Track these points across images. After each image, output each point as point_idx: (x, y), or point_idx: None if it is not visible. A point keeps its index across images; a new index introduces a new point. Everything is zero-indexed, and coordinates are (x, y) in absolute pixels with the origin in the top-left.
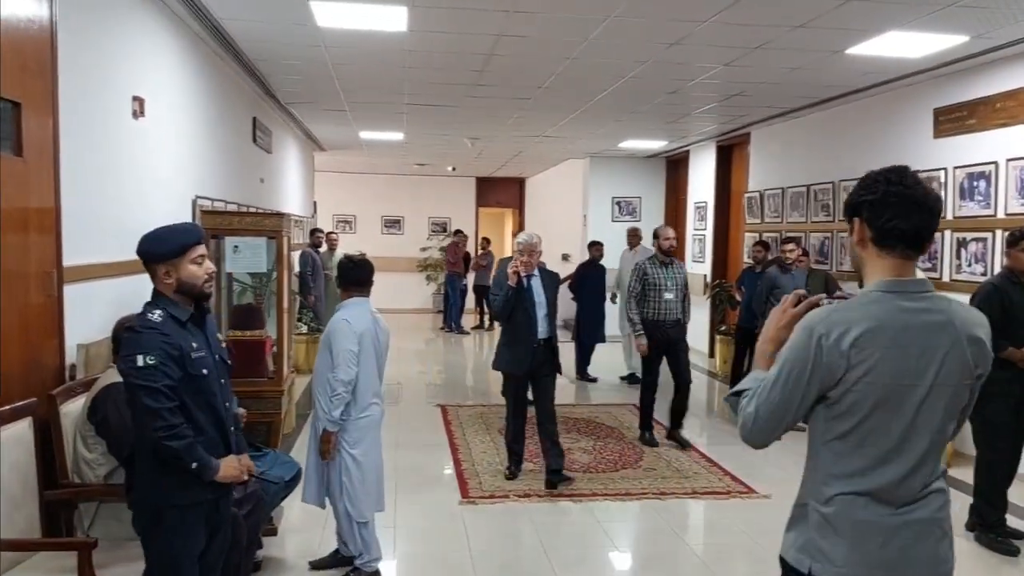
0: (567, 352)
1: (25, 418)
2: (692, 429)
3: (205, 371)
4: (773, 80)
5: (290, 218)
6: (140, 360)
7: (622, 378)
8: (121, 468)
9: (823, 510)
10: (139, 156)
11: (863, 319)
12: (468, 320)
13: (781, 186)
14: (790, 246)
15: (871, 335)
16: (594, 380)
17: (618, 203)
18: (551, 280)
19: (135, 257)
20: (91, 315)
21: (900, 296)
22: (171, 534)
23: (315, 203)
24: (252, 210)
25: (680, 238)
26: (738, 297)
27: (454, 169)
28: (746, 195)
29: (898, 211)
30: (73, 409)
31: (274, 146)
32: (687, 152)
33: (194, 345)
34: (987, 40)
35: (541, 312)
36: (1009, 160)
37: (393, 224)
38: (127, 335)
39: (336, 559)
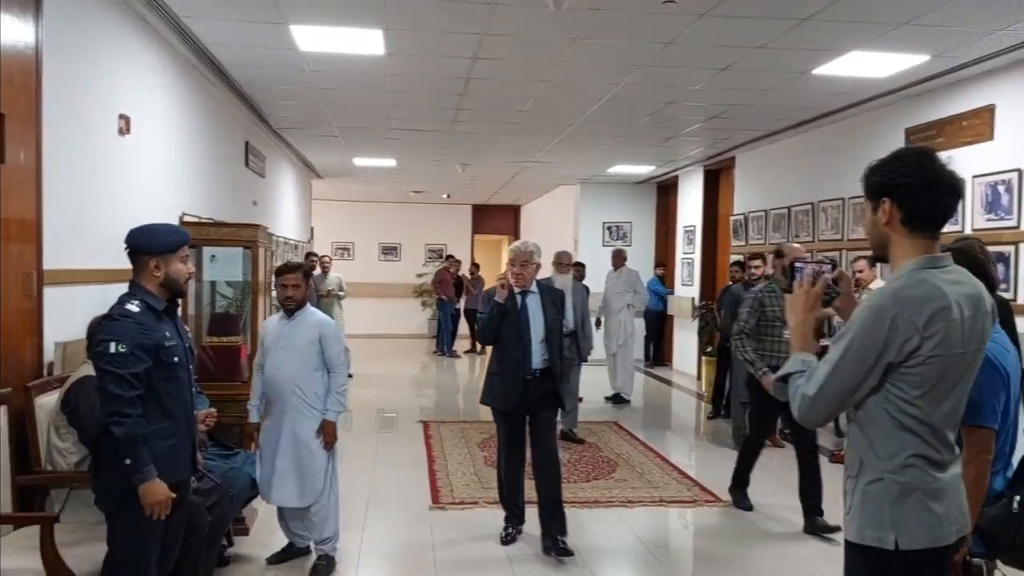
0: None
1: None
2: (678, 449)
3: (176, 359)
4: (747, 102)
5: (265, 230)
6: (112, 347)
7: (607, 398)
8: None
9: (899, 479)
10: (124, 171)
11: (931, 296)
12: (464, 344)
13: (764, 208)
14: (756, 262)
15: (942, 310)
16: (579, 400)
17: (609, 228)
18: (553, 299)
19: (114, 265)
20: (70, 316)
21: (940, 271)
22: (135, 516)
23: (312, 229)
24: (228, 222)
25: (670, 262)
26: (718, 317)
27: (449, 196)
28: (732, 218)
29: (932, 194)
30: (48, 402)
31: (268, 171)
32: (676, 177)
33: (167, 334)
34: (949, 59)
35: (537, 337)
36: (975, 176)
37: (390, 251)
38: (105, 322)
39: (290, 552)
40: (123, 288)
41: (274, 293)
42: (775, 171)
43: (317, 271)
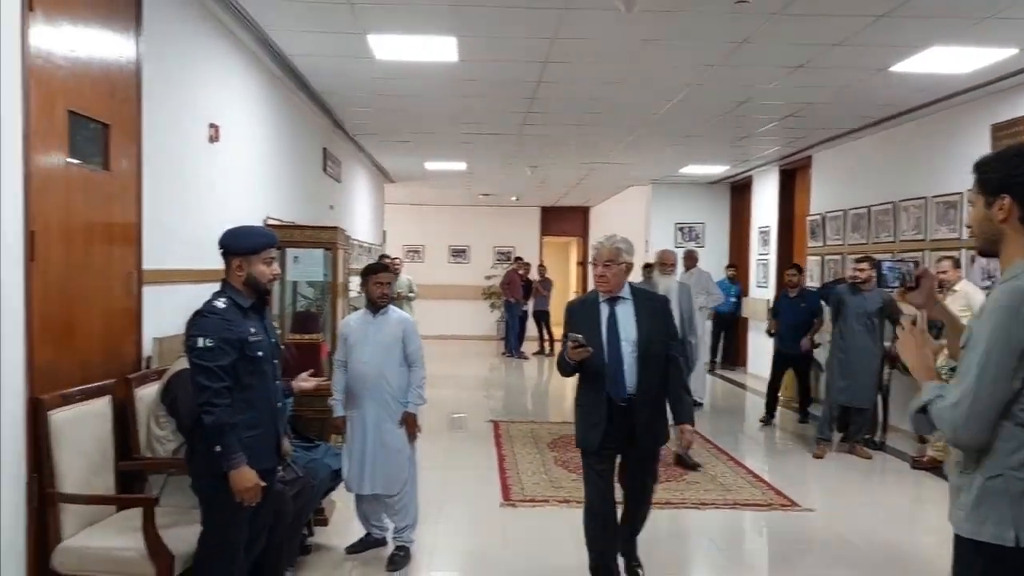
0: None
1: (104, 396)
2: (752, 452)
3: (260, 353)
4: (824, 100)
5: (343, 232)
6: (200, 342)
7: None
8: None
9: (1020, 476)
10: (213, 176)
11: None
12: (532, 346)
13: (843, 208)
14: (864, 264)
15: None
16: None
17: (681, 228)
18: (653, 307)
19: (207, 266)
20: (165, 313)
21: None
22: (226, 501)
23: (384, 232)
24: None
25: (744, 263)
26: (771, 326)
27: (517, 199)
28: (809, 218)
29: None
30: (147, 394)
31: (344, 176)
32: (750, 177)
33: (252, 330)
34: None
35: (629, 355)
36: None
37: (459, 253)
38: (195, 319)
39: (367, 543)
40: (213, 287)
41: (352, 293)
42: (854, 170)
43: None
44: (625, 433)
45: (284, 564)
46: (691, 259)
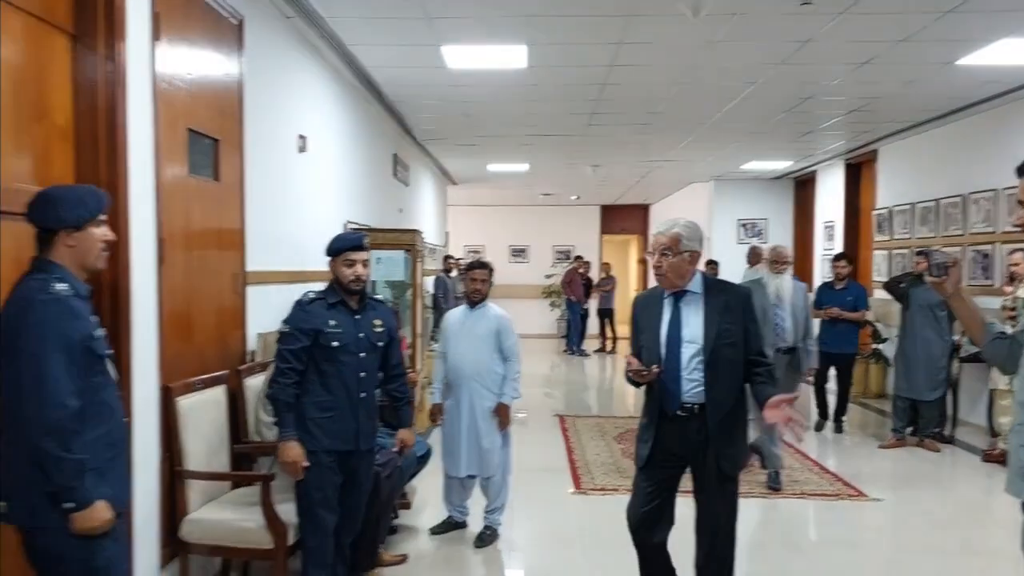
0: None
1: (220, 386)
2: (818, 445)
3: (336, 343)
4: (889, 94)
5: (422, 235)
6: (284, 327)
7: None
8: None
9: None
10: (302, 184)
11: None
12: (593, 344)
13: (910, 202)
14: (923, 258)
15: None
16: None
17: (743, 224)
18: (728, 302)
19: (298, 267)
20: (265, 311)
21: None
22: (307, 472)
23: (447, 233)
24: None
25: (808, 258)
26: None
27: (578, 198)
28: (875, 212)
29: None
30: (254, 383)
31: (411, 180)
32: (815, 172)
33: (331, 323)
34: None
35: (690, 357)
36: None
37: (519, 252)
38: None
39: (449, 525)
40: (305, 286)
41: (428, 291)
42: (921, 163)
43: (454, 273)
44: (685, 450)
45: (379, 539)
46: (755, 255)
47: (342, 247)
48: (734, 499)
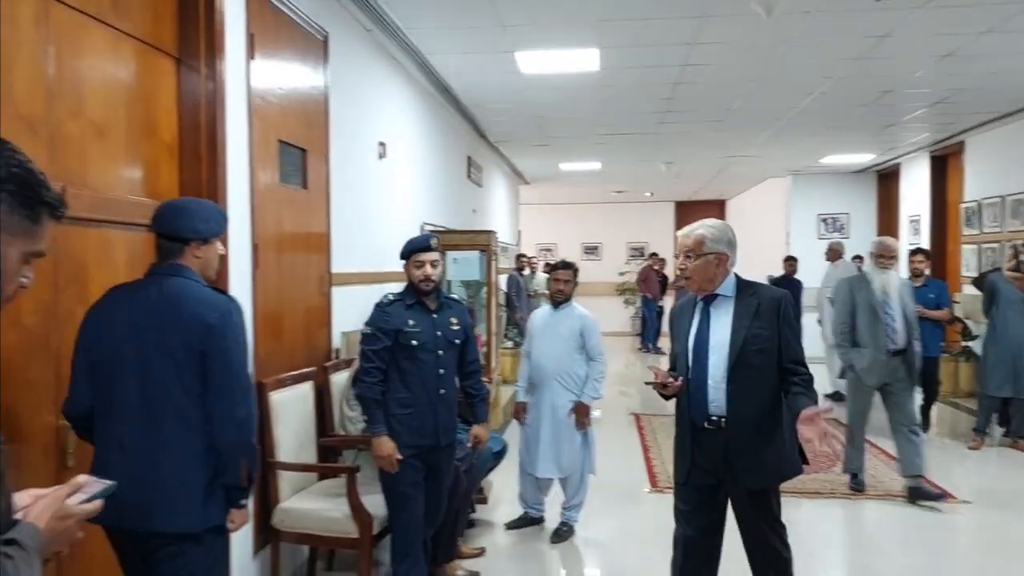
0: None
1: (308, 382)
2: None
3: (414, 343)
4: (974, 86)
5: (496, 236)
6: (366, 328)
7: (826, 395)
8: None
9: None
10: (382, 189)
11: None
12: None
13: (1000, 194)
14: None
15: None
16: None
17: (824, 220)
18: (761, 306)
19: (379, 269)
20: (348, 311)
21: None
22: (398, 470)
23: (520, 232)
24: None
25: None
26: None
27: (651, 194)
28: (963, 205)
29: None
30: (339, 380)
31: (484, 181)
32: (898, 165)
33: (410, 323)
34: None
35: (718, 366)
36: None
37: (592, 250)
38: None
39: (525, 520)
40: (383, 287)
41: (501, 289)
42: (1012, 154)
43: (526, 271)
44: (718, 465)
45: (459, 531)
46: (835, 252)
47: (411, 249)
48: (770, 513)
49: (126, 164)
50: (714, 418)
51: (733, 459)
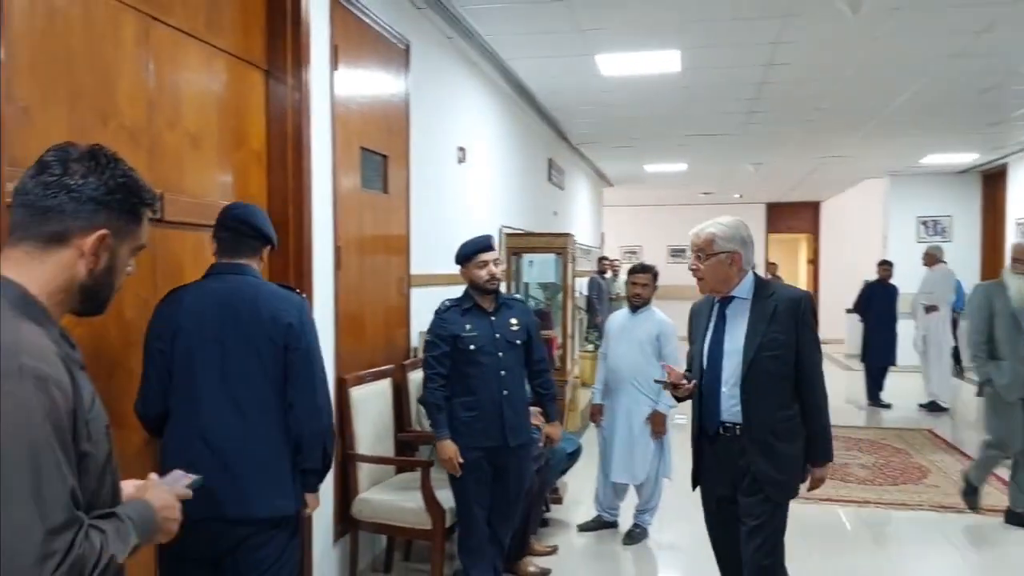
0: (854, 379)
1: (386, 379)
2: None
3: (473, 346)
4: None
5: (573, 239)
6: (427, 336)
7: (921, 405)
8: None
9: None
10: (461, 193)
11: None
12: None
13: None
14: None
15: None
16: (887, 406)
17: (924, 223)
18: (775, 307)
19: (456, 270)
20: (426, 311)
21: None
22: (460, 468)
23: (603, 234)
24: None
25: (997, 259)
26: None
27: (741, 196)
28: None
29: None
30: (416, 377)
31: (566, 183)
32: (1005, 164)
33: (467, 327)
34: None
35: (731, 371)
36: None
37: (679, 252)
38: None
39: (598, 523)
40: (459, 290)
41: (579, 294)
42: None
43: (608, 274)
44: (726, 475)
45: (532, 528)
46: (931, 257)
47: (472, 251)
48: (775, 531)
49: (218, 171)
50: (728, 425)
51: (743, 468)
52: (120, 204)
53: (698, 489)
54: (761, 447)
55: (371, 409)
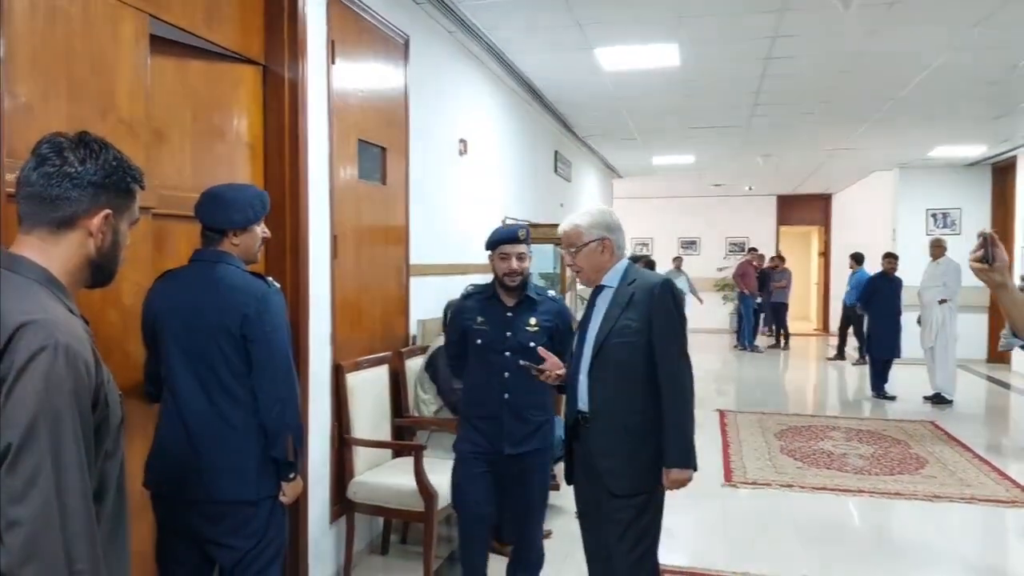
0: (859, 371)
1: (383, 365)
2: (1006, 452)
3: (479, 341)
4: None
5: None
6: (445, 319)
7: (926, 398)
8: (445, 407)
9: None
10: (462, 185)
11: None
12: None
13: None
14: None
15: None
16: (892, 398)
17: (933, 215)
18: (631, 294)
19: (455, 260)
20: (425, 300)
21: None
22: (457, 468)
23: None
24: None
25: (1008, 252)
26: None
27: (751, 188)
28: None
29: None
30: (413, 364)
31: (573, 175)
32: (1014, 157)
33: (478, 319)
34: None
35: (586, 359)
36: None
37: (690, 244)
38: None
39: None
40: (464, 279)
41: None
42: None
43: None
44: (583, 466)
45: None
46: (938, 248)
47: (496, 240)
48: (632, 527)
49: (215, 163)
50: (584, 415)
51: (597, 460)
52: (116, 184)
53: (706, 478)
54: (607, 440)
55: (368, 395)
